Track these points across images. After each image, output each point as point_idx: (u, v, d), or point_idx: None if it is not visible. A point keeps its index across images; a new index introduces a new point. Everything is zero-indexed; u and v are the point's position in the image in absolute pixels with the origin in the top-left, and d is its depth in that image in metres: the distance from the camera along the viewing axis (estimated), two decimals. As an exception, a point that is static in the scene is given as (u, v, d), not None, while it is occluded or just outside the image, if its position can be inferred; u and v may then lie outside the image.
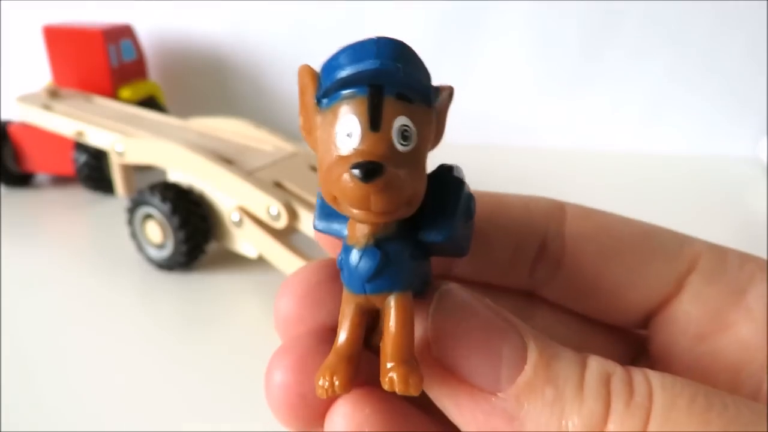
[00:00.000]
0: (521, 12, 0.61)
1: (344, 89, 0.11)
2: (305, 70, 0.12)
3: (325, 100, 0.12)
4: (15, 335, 0.35)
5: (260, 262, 0.40)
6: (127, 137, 0.45)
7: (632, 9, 0.60)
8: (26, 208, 0.52)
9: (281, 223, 0.36)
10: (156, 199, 0.39)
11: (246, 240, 0.39)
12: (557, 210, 0.16)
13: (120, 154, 0.44)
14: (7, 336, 0.35)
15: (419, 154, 0.11)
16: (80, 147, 0.50)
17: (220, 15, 0.64)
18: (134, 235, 0.42)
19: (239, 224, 0.39)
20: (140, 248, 0.42)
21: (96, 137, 0.47)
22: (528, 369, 0.11)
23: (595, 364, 0.11)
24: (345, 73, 0.11)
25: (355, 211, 0.11)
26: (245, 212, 0.38)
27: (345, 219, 0.13)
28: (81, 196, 0.54)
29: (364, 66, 0.11)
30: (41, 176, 0.57)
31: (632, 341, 0.17)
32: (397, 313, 0.12)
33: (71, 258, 0.44)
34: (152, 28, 0.64)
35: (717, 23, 0.60)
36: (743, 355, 0.14)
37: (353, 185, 0.11)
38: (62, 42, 0.56)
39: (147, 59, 0.61)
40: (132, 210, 0.41)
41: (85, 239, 0.49)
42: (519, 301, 0.17)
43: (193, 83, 0.68)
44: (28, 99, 0.53)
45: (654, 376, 0.11)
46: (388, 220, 0.12)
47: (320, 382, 0.12)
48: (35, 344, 0.35)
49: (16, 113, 0.53)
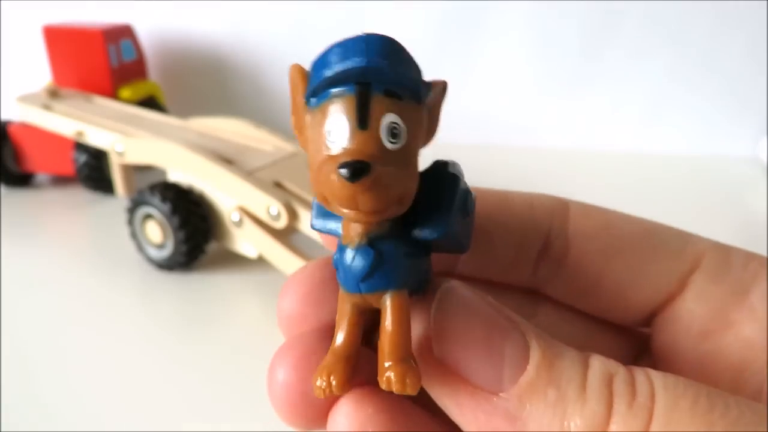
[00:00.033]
0: (521, 12, 0.61)
1: (332, 88, 0.11)
2: (295, 69, 0.12)
3: (314, 99, 0.11)
4: (15, 335, 0.35)
5: (260, 262, 0.40)
6: (127, 137, 0.45)
7: (632, 9, 0.60)
8: (26, 208, 0.52)
9: (281, 223, 0.36)
10: (156, 199, 0.39)
11: (246, 240, 0.39)
12: (561, 207, 0.16)
13: (120, 154, 0.44)
14: (7, 336, 0.35)
15: (410, 152, 0.11)
16: (80, 147, 0.50)
17: (220, 15, 0.64)
18: (134, 235, 0.42)
19: (239, 224, 0.39)
20: (140, 248, 0.42)
21: (96, 137, 0.47)
22: (530, 369, 0.11)
23: (598, 364, 0.11)
24: (332, 72, 0.11)
25: (345, 211, 0.11)
26: (245, 212, 0.38)
27: (340, 218, 0.12)
28: (81, 196, 0.54)
29: (351, 64, 0.11)
30: (41, 176, 0.57)
31: (635, 339, 0.17)
32: (393, 312, 0.12)
33: (71, 258, 0.44)
34: (152, 28, 0.64)
35: (717, 23, 0.60)
36: (746, 354, 0.14)
37: (340, 185, 0.10)
38: (62, 42, 0.56)
39: (147, 59, 0.61)
40: (132, 210, 0.41)
41: (85, 239, 0.49)
42: (522, 299, 0.17)
43: (193, 83, 0.68)
44: (28, 99, 0.53)
45: (656, 377, 0.11)
46: (378, 220, 0.11)
47: (318, 383, 0.12)
48: (35, 344, 0.35)
49: (16, 113, 0.53)
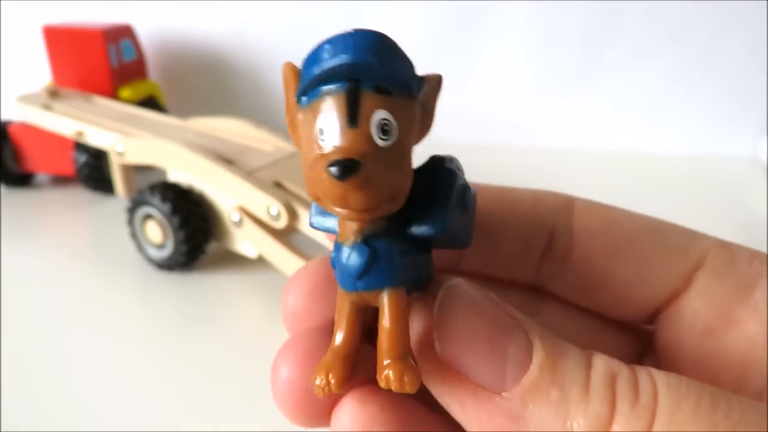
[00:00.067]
0: (521, 12, 0.61)
1: (322, 85, 0.11)
2: (288, 68, 0.12)
3: (305, 98, 0.11)
4: (15, 335, 0.35)
5: (260, 262, 0.40)
6: (127, 137, 0.45)
7: (632, 9, 0.60)
8: (26, 208, 0.52)
9: (281, 223, 0.36)
10: (156, 199, 0.39)
11: (246, 240, 0.39)
12: (565, 204, 0.16)
13: (120, 154, 0.44)
14: (7, 336, 0.35)
15: (402, 148, 0.11)
16: (80, 147, 0.50)
17: (220, 15, 0.64)
18: (134, 235, 0.42)
19: (239, 224, 0.39)
20: (140, 248, 0.42)
21: (96, 137, 0.47)
22: (534, 369, 0.11)
23: (601, 363, 0.11)
24: (321, 69, 0.11)
25: (337, 209, 0.11)
26: (245, 212, 0.38)
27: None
28: (81, 196, 0.54)
29: (340, 60, 0.11)
30: (41, 176, 0.57)
31: (639, 337, 0.17)
32: (390, 310, 0.12)
33: (71, 258, 0.44)
34: (152, 28, 0.64)
35: (717, 23, 0.60)
36: (750, 352, 0.14)
37: (331, 183, 0.10)
38: (62, 42, 0.56)
39: (147, 59, 0.61)
40: (132, 210, 0.41)
41: (85, 239, 0.49)
42: (527, 296, 0.17)
43: (193, 83, 0.68)
44: (28, 99, 0.53)
45: (659, 377, 0.11)
46: (371, 218, 0.11)
47: (317, 381, 0.12)
48: (35, 344, 0.35)
49: (16, 113, 0.53)
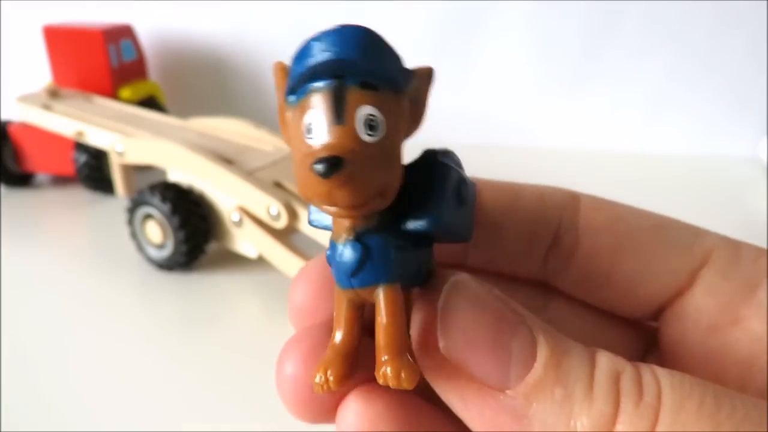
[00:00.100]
0: (521, 12, 0.61)
1: (308, 83, 0.11)
2: (277, 67, 0.12)
3: (293, 96, 0.11)
4: (15, 335, 0.35)
5: (260, 262, 0.40)
6: (127, 137, 0.45)
7: (632, 9, 0.60)
8: (26, 208, 0.52)
9: (281, 223, 0.36)
10: (156, 199, 0.39)
11: (246, 240, 0.39)
12: (571, 200, 0.16)
13: (120, 154, 0.44)
14: (8, 336, 0.35)
15: (390, 143, 0.11)
16: (80, 147, 0.50)
17: (220, 15, 0.64)
18: (134, 235, 0.42)
19: (239, 224, 0.39)
20: (140, 248, 0.42)
21: (96, 137, 0.47)
22: (538, 367, 0.11)
23: (605, 361, 0.11)
24: (306, 67, 0.11)
25: (326, 207, 0.11)
26: (245, 212, 0.38)
27: None
28: (81, 196, 0.54)
29: (324, 57, 0.11)
30: (41, 176, 0.57)
31: (645, 333, 0.17)
32: (386, 306, 0.12)
33: (71, 258, 0.44)
34: (152, 28, 0.64)
35: (717, 23, 0.60)
36: (754, 350, 0.14)
37: (316, 181, 0.10)
38: (62, 42, 0.56)
39: (147, 59, 0.61)
40: (132, 210, 0.41)
41: (85, 239, 0.49)
42: (533, 292, 0.17)
43: (193, 83, 0.68)
44: (28, 99, 0.53)
45: (663, 375, 0.11)
46: (359, 214, 0.11)
47: (316, 379, 0.12)
48: (35, 344, 0.35)
49: (16, 113, 0.53)
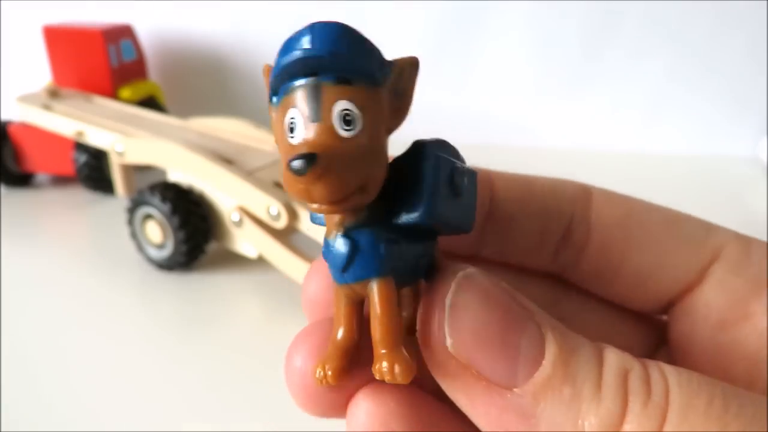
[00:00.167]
0: (521, 12, 0.61)
1: (286, 83, 0.11)
2: (266, 69, 0.12)
3: (275, 97, 0.11)
4: (15, 335, 0.35)
5: (260, 262, 0.40)
6: (127, 137, 0.45)
7: (632, 9, 0.60)
8: (26, 208, 0.52)
9: (281, 223, 0.36)
10: (156, 199, 0.39)
11: (246, 240, 0.39)
12: (583, 194, 0.16)
13: (120, 154, 0.44)
14: (8, 336, 0.35)
15: (369, 137, 0.11)
16: (80, 147, 0.50)
17: (220, 15, 0.64)
18: (134, 235, 0.42)
19: (239, 224, 0.39)
20: (140, 248, 0.42)
21: (96, 137, 0.47)
22: (546, 365, 0.11)
23: (613, 359, 0.11)
24: (281, 68, 0.11)
25: (307, 204, 0.11)
26: (245, 212, 0.38)
27: None
28: (81, 196, 0.54)
29: (297, 56, 0.11)
30: (41, 176, 0.57)
31: (657, 327, 0.17)
32: (378, 301, 0.12)
33: (71, 258, 0.44)
34: (152, 28, 0.64)
35: (717, 23, 0.60)
36: (763, 346, 0.14)
37: (293, 179, 0.10)
38: (62, 42, 0.56)
39: (147, 59, 0.61)
40: (132, 210, 0.41)
41: (85, 239, 0.49)
42: (546, 285, 0.17)
43: (193, 83, 0.68)
44: (28, 99, 0.53)
45: (670, 373, 0.11)
46: (341, 210, 0.11)
47: (317, 373, 0.12)
48: (35, 344, 0.35)
49: (16, 113, 0.53)
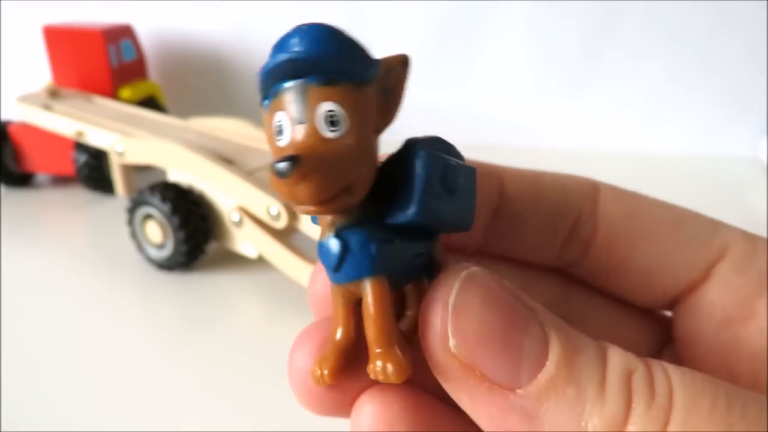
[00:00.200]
0: (521, 12, 0.61)
1: (272, 87, 0.11)
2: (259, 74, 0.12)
3: (266, 101, 0.12)
4: (15, 335, 0.35)
5: (260, 262, 0.40)
6: (127, 137, 0.45)
7: (632, 9, 0.60)
8: (26, 208, 0.52)
9: (281, 223, 0.36)
10: (156, 199, 0.39)
11: (246, 240, 0.39)
12: (591, 190, 0.16)
13: (120, 154, 0.44)
14: (7, 336, 0.35)
15: (356, 137, 0.11)
16: (80, 147, 0.50)
17: (220, 15, 0.64)
18: (134, 235, 0.42)
19: (239, 224, 0.39)
20: (140, 248, 0.42)
21: (96, 137, 0.47)
22: (550, 366, 0.11)
23: (617, 359, 0.11)
24: (267, 72, 0.11)
25: (295, 206, 0.11)
26: (245, 212, 0.38)
27: None
28: (81, 196, 0.54)
29: (281, 59, 0.11)
30: (41, 176, 0.57)
31: (664, 325, 0.17)
32: (372, 300, 0.12)
33: (71, 258, 0.44)
34: (152, 28, 0.64)
35: (717, 23, 0.60)
36: (766, 345, 0.14)
37: (277, 182, 0.10)
38: (62, 42, 0.56)
39: (147, 59, 0.61)
40: (132, 210, 0.41)
41: (85, 239, 0.49)
42: (553, 280, 0.17)
43: (193, 83, 0.68)
44: (28, 99, 0.53)
45: (674, 373, 0.11)
46: (328, 210, 0.11)
47: (316, 372, 0.12)
48: (35, 344, 0.35)
49: (16, 113, 0.53)
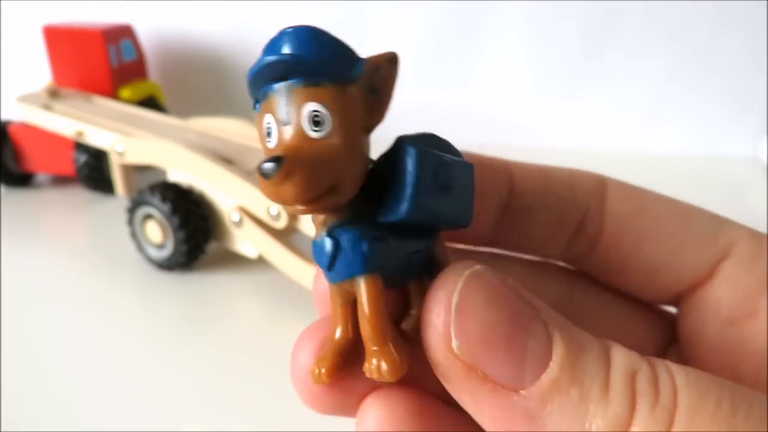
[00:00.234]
0: (521, 12, 0.61)
1: (260, 91, 0.11)
2: None
3: (257, 105, 0.12)
4: (15, 335, 0.35)
5: (260, 262, 0.40)
6: (127, 137, 0.45)
7: (632, 9, 0.60)
8: (26, 208, 0.52)
9: (281, 223, 0.36)
10: (156, 199, 0.39)
11: (246, 240, 0.39)
12: (599, 185, 0.16)
13: (120, 154, 0.44)
14: (8, 336, 0.35)
15: (342, 136, 0.11)
16: (80, 147, 0.50)
17: (220, 15, 0.64)
18: (134, 235, 0.42)
19: (239, 224, 0.39)
20: (140, 248, 0.42)
21: (96, 137, 0.47)
22: (553, 366, 0.11)
23: (621, 359, 0.11)
24: (252, 76, 0.11)
25: (283, 207, 0.11)
26: (245, 212, 0.38)
27: None
28: (81, 196, 0.53)
29: (266, 62, 0.11)
30: (41, 176, 0.57)
31: (669, 320, 0.17)
32: (366, 299, 0.12)
33: (71, 258, 0.44)
34: (152, 28, 0.64)
35: (717, 23, 0.60)
36: None
37: (262, 182, 0.10)
38: (62, 42, 0.56)
39: (147, 59, 0.61)
40: (132, 210, 0.41)
41: (85, 239, 0.49)
42: (560, 276, 0.17)
43: (193, 83, 0.68)
44: (28, 99, 0.52)
45: (678, 373, 0.11)
46: (315, 210, 0.11)
47: (314, 372, 0.12)
48: (35, 344, 0.35)
49: (16, 113, 0.53)
